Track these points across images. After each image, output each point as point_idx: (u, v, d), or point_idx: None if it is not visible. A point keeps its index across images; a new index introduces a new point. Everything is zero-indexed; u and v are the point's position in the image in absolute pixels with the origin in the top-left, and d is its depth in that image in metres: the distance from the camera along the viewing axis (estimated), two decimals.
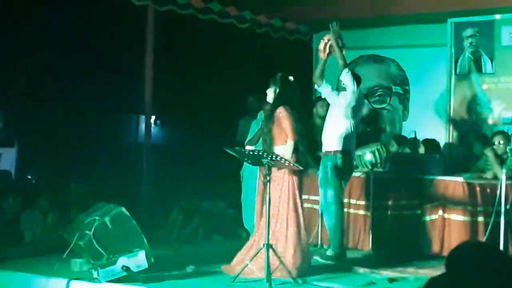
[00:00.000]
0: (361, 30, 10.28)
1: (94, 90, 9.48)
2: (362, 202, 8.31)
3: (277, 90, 6.99)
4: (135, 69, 9.63)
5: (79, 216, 7.05)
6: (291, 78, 7.10)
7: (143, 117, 10.16)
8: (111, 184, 8.71)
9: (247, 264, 6.34)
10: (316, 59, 9.10)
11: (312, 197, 8.32)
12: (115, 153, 9.80)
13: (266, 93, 7.10)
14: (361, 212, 8.32)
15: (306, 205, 7.71)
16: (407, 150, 8.87)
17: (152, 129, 10.45)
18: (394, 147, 9.06)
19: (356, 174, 8.05)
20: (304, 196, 7.27)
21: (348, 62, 10.03)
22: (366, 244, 8.23)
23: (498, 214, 7.48)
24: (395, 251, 8.11)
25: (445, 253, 7.33)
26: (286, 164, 6.90)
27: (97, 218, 6.68)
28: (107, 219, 6.67)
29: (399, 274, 6.95)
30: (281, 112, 6.89)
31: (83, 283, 6.26)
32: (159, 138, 11.21)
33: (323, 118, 7.84)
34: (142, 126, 10.28)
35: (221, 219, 9.33)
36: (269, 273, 6.17)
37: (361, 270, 7.07)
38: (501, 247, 7.23)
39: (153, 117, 10.55)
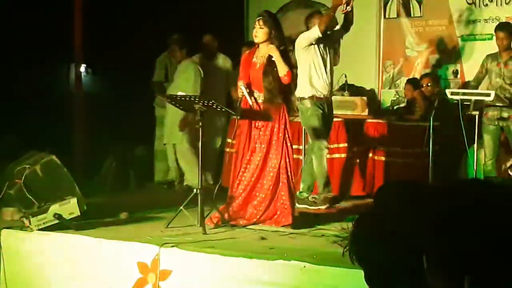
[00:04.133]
0: None
1: (20, 37, 9.25)
2: (294, 146, 8.38)
3: (272, 33, 6.60)
4: (63, 15, 9.44)
5: (9, 165, 6.97)
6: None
7: (73, 66, 10.02)
8: (42, 134, 8.59)
9: (180, 209, 6.35)
10: None
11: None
12: (45, 102, 9.63)
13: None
14: (294, 156, 8.40)
15: None
16: (337, 94, 8.94)
17: (83, 77, 10.31)
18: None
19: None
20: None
21: (279, 7, 10.14)
22: (297, 187, 8.33)
23: (426, 155, 7.64)
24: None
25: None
26: (219, 109, 6.91)
27: (27, 166, 6.62)
28: (37, 167, 6.61)
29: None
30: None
31: (15, 231, 6.22)
32: (91, 87, 11.04)
33: None
34: (73, 74, 10.13)
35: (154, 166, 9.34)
36: (202, 217, 6.23)
37: None
38: None
39: (83, 65, 10.39)
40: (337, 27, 7.43)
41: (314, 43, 7.18)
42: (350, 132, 8.26)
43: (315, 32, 7.11)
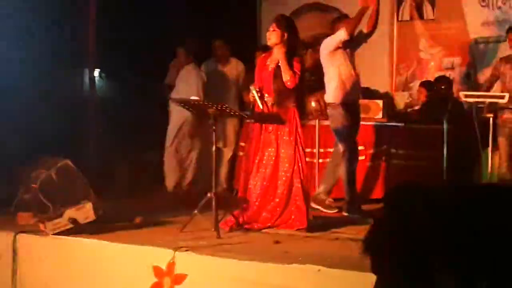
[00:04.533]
0: None
1: (34, 43, 9.28)
2: (308, 150, 8.37)
3: (285, 36, 6.53)
4: (77, 21, 9.47)
5: (25, 170, 7.00)
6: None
7: (87, 71, 10.05)
8: (55, 138, 8.62)
9: (195, 213, 6.36)
10: None
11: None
12: (59, 107, 9.65)
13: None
14: (307, 159, 8.38)
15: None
16: None
17: (96, 82, 10.34)
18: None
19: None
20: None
21: (292, 11, 10.14)
22: (312, 190, 8.32)
23: (440, 158, 7.62)
24: (341, 197, 8.26)
25: None
26: (232, 113, 6.92)
27: (42, 171, 6.64)
28: (52, 172, 6.64)
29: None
30: (296, 66, 6.49)
31: (30, 236, 6.24)
32: (104, 92, 11.07)
33: None
34: (86, 79, 10.16)
35: None
36: (216, 221, 6.23)
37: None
38: None
39: (97, 70, 10.43)
40: (364, 31, 7.43)
41: (340, 46, 7.18)
42: (363, 135, 8.27)
43: (341, 35, 7.10)
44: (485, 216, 1.75)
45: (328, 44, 7.27)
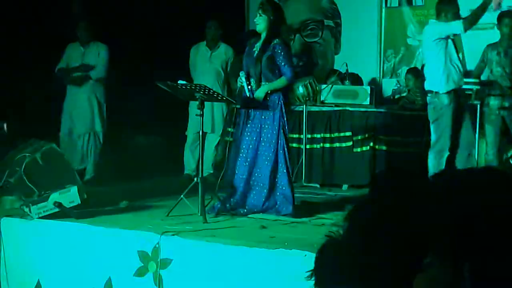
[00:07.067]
0: None
1: (25, 28, 9.24)
2: (295, 135, 8.37)
3: (271, 19, 6.50)
4: (67, 3, 9.43)
5: (9, 153, 6.95)
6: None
7: None
8: (42, 122, 8.58)
9: (181, 198, 6.34)
10: None
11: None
12: (47, 91, 9.60)
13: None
14: (294, 145, 8.37)
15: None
16: (339, 83, 8.92)
17: None
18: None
19: None
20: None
21: None
22: (299, 177, 8.32)
23: (427, 145, 7.62)
24: (328, 182, 8.28)
25: None
26: (219, 98, 6.88)
27: (27, 154, 6.60)
28: (37, 156, 6.59)
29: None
30: (281, 45, 6.48)
31: (15, 220, 6.21)
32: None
33: None
34: None
35: (155, 154, 9.33)
36: (203, 206, 6.21)
37: None
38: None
39: None
40: None
41: (452, 37, 7.08)
42: (351, 120, 8.27)
43: (457, 28, 7.00)
44: (469, 199, 1.73)
45: (437, 32, 7.11)
